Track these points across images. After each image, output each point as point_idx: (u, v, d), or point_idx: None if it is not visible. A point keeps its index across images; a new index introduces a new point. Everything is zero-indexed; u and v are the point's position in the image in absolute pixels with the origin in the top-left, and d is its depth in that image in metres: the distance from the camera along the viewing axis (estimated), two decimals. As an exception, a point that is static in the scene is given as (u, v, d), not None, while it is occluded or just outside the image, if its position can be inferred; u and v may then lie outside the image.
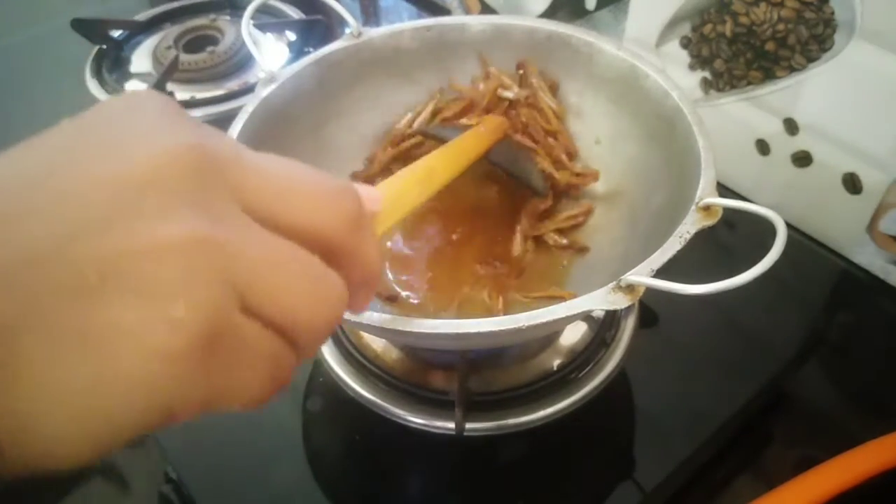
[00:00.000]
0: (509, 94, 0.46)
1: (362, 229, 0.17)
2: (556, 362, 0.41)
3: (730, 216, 0.31)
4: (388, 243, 0.45)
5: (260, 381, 0.15)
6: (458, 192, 0.45)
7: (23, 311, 0.12)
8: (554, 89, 0.47)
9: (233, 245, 0.14)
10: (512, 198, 0.47)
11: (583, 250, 0.44)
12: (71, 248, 0.13)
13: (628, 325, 0.43)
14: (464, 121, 0.46)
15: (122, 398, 0.13)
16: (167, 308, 0.13)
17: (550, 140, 0.46)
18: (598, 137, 0.47)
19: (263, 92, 0.41)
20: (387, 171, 0.49)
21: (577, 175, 0.46)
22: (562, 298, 0.30)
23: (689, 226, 0.31)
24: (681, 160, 0.37)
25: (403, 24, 0.47)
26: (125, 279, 0.13)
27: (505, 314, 0.29)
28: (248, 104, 0.40)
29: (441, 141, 0.42)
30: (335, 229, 0.17)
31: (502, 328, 0.28)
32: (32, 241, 0.13)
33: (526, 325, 0.28)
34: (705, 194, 0.32)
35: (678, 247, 0.30)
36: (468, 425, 0.38)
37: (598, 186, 0.46)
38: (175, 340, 0.13)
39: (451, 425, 0.38)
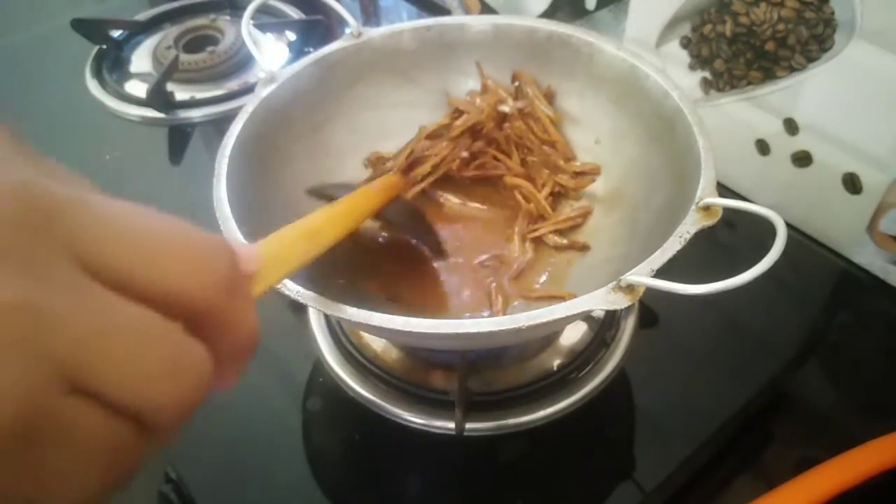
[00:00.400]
0: (506, 109, 0.46)
1: (234, 293, 0.15)
2: (556, 362, 0.41)
3: (730, 216, 0.31)
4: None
5: (95, 476, 0.13)
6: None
7: None
8: (550, 97, 0.47)
9: (59, 310, 0.12)
10: (505, 201, 0.47)
11: (583, 248, 0.44)
12: None
13: (628, 326, 0.43)
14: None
15: None
16: None
17: (547, 148, 0.47)
18: (598, 137, 0.47)
19: (263, 92, 0.41)
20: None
21: (578, 174, 0.46)
22: (561, 299, 0.30)
23: (690, 226, 0.31)
24: (681, 160, 0.37)
25: (403, 25, 0.47)
26: None
27: (504, 315, 0.29)
28: (248, 104, 0.41)
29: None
30: (201, 293, 0.14)
31: (502, 328, 0.28)
32: None
33: (526, 325, 0.28)
34: (705, 194, 0.32)
35: (678, 247, 0.30)
36: (468, 425, 0.38)
37: (598, 187, 0.46)
38: None
39: (451, 425, 0.38)
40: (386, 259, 0.44)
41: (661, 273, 0.29)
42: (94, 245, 0.13)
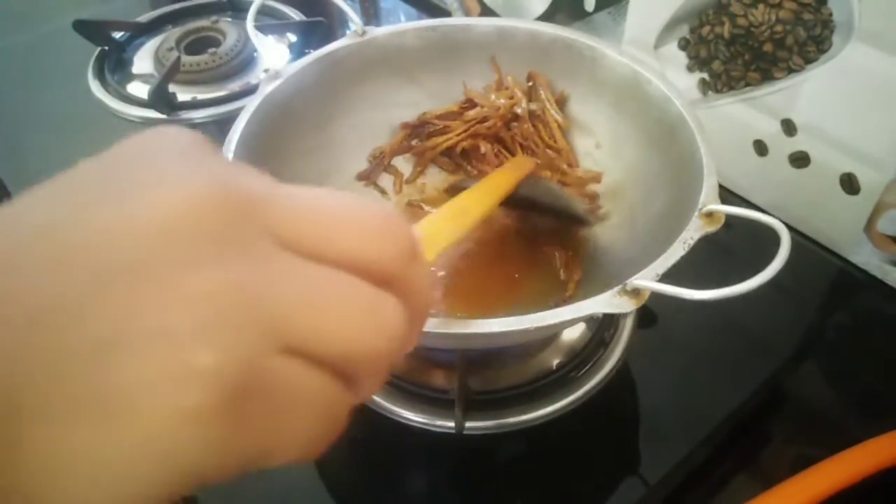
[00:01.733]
0: (518, 111, 0.47)
1: (415, 259, 0.16)
2: (556, 361, 0.42)
3: (729, 217, 0.31)
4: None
5: (311, 429, 0.14)
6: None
7: (28, 380, 0.11)
8: (562, 102, 0.48)
9: (267, 284, 0.13)
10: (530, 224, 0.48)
11: (601, 218, 0.45)
12: (81, 306, 0.12)
13: (627, 325, 0.43)
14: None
15: (146, 468, 0.12)
16: (192, 359, 0.12)
17: (550, 152, 0.47)
18: (599, 142, 0.47)
19: (267, 88, 0.41)
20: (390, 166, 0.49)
21: (579, 178, 0.46)
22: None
23: (693, 232, 0.31)
24: (682, 166, 0.37)
25: (407, 24, 0.47)
26: (142, 333, 0.12)
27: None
28: (253, 100, 0.41)
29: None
30: (388, 261, 0.15)
31: (509, 329, 0.28)
32: (43, 297, 0.12)
33: (532, 326, 0.28)
34: (708, 201, 0.32)
35: (682, 252, 0.30)
36: (468, 424, 0.38)
37: (599, 189, 0.46)
38: (202, 396, 0.12)
39: (451, 424, 0.38)
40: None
41: (662, 275, 0.29)
42: (292, 228, 0.14)
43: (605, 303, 0.29)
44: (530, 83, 0.48)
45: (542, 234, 0.46)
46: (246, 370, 0.12)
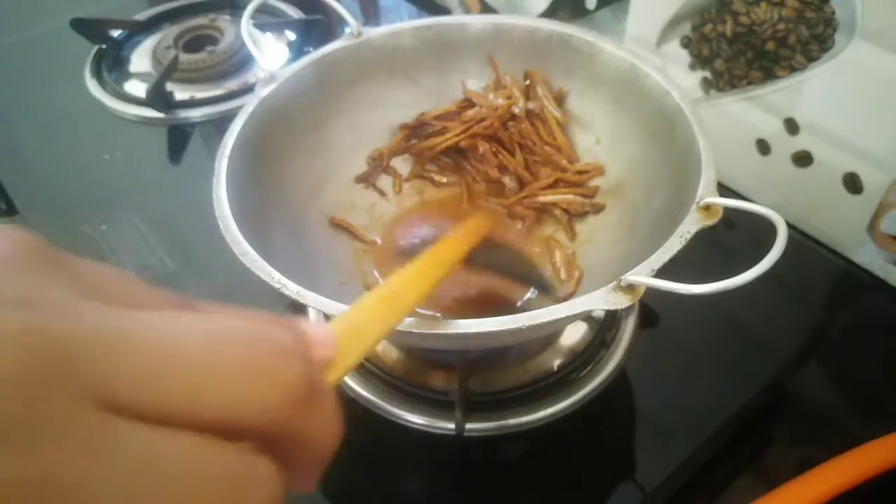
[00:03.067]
0: (516, 110, 0.46)
1: (310, 402, 0.13)
2: (557, 362, 0.41)
3: (730, 215, 0.31)
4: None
5: None
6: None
7: None
8: (560, 99, 0.47)
9: (83, 475, 0.10)
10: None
11: (599, 210, 0.45)
12: None
13: (629, 325, 0.43)
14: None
15: None
16: None
17: (549, 149, 0.47)
18: (598, 137, 0.47)
19: (263, 91, 0.41)
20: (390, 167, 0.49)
21: (581, 173, 0.46)
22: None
23: (690, 225, 0.31)
24: (681, 160, 0.37)
25: (403, 24, 0.47)
26: None
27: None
28: (248, 104, 0.40)
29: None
30: (273, 415, 0.12)
31: (503, 328, 0.28)
32: None
33: (526, 324, 0.28)
34: (706, 194, 0.32)
35: (678, 246, 0.30)
36: (468, 425, 0.38)
37: (600, 184, 0.46)
38: None
39: (451, 425, 0.38)
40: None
41: (661, 273, 0.29)
42: (126, 381, 0.11)
43: (600, 299, 0.28)
44: (528, 81, 0.48)
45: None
46: None
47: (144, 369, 0.11)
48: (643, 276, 0.28)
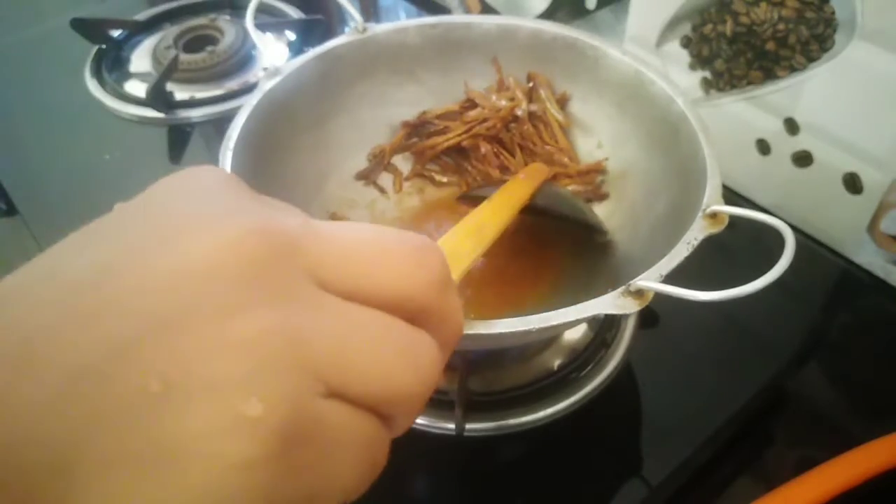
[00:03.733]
0: (519, 112, 0.46)
1: (448, 288, 0.16)
2: (557, 362, 0.41)
3: (732, 217, 0.31)
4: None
5: (355, 470, 0.14)
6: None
7: (76, 437, 0.11)
8: (563, 102, 0.47)
9: (309, 327, 0.13)
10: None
11: (602, 197, 0.45)
12: (128, 356, 0.12)
13: (629, 325, 0.43)
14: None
15: None
16: (240, 408, 0.12)
17: (550, 148, 0.47)
18: (601, 142, 0.47)
19: (267, 85, 0.41)
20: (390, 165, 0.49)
21: (582, 171, 0.46)
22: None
23: (697, 232, 0.31)
24: (684, 166, 0.37)
25: (408, 21, 0.47)
26: (191, 384, 0.12)
27: None
28: (252, 97, 0.40)
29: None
30: (423, 293, 0.15)
31: (513, 330, 0.28)
32: (86, 351, 0.12)
33: (537, 327, 0.28)
34: (712, 202, 0.32)
35: (686, 253, 0.30)
36: (468, 425, 0.38)
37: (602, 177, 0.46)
38: (252, 445, 0.12)
39: (452, 425, 0.38)
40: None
41: (665, 276, 0.29)
42: (329, 267, 0.14)
43: (609, 304, 0.28)
44: (531, 83, 0.48)
45: (551, 235, 0.45)
46: (293, 417, 0.12)
47: (341, 257, 0.15)
48: (652, 281, 0.28)
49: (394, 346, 0.14)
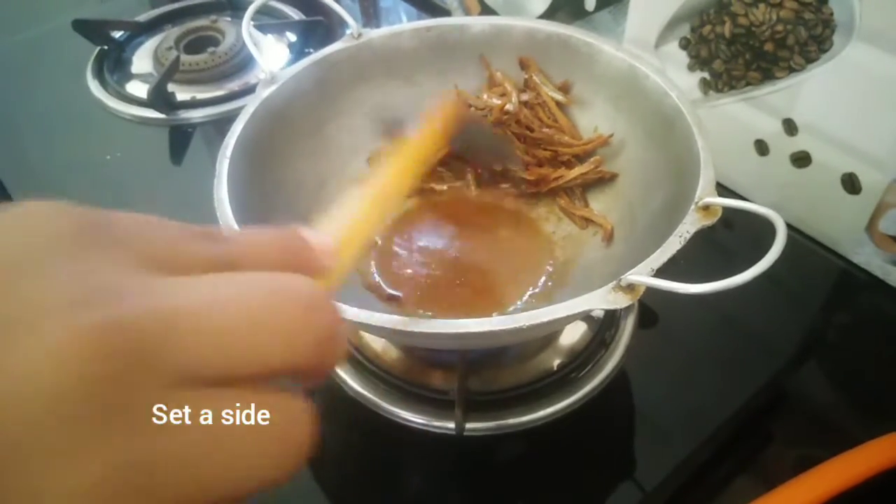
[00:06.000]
0: (510, 108, 0.47)
1: (329, 340, 0.14)
2: (556, 362, 0.41)
3: (729, 216, 0.31)
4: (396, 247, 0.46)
5: None
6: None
7: None
8: (567, 89, 0.47)
9: (165, 449, 0.11)
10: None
11: (612, 178, 0.45)
12: None
13: (628, 325, 0.43)
14: None
15: None
16: None
17: (549, 130, 0.46)
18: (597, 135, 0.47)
19: (264, 92, 0.41)
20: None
21: (587, 143, 0.46)
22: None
23: (689, 225, 0.31)
24: (679, 160, 0.37)
25: (403, 25, 0.47)
26: None
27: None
28: (249, 105, 0.41)
29: None
30: (307, 357, 0.14)
31: (503, 328, 0.28)
32: None
33: (526, 324, 0.28)
34: (705, 194, 0.32)
35: (678, 246, 0.30)
36: (468, 425, 0.38)
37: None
38: None
39: (451, 425, 0.38)
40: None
41: (660, 273, 0.29)
42: (190, 354, 0.12)
43: (600, 299, 0.28)
44: (526, 74, 0.48)
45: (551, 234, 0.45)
46: None
47: (204, 345, 0.12)
48: (643, 275, 0.28)
49: (267, 436, 0.13)
